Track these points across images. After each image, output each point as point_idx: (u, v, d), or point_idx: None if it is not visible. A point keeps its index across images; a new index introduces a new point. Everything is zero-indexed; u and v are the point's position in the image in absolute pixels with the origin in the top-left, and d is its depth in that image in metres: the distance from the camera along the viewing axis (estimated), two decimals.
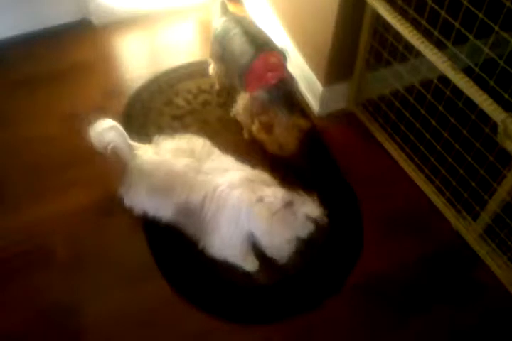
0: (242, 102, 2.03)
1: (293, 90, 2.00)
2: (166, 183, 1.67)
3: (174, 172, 1.66)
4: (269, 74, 1.90)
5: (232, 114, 2.12)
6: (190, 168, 1.66)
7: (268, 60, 1.93)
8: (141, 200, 1.77)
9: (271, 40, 2.04)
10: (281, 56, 2.00)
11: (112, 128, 1.64)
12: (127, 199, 1.81)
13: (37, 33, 2.54)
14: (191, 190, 1.63)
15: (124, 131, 1.68)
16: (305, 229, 1.58)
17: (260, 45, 1.96)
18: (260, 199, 1.56)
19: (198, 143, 1.75)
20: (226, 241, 1.67)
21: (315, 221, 1.56)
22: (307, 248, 1.85)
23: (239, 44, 1.97)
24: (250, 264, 1.81)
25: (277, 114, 1.91)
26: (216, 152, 1.74)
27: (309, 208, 1.54)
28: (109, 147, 1.64)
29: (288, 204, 1.53)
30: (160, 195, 1.70)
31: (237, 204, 1.59)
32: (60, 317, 1.74)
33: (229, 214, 1.60)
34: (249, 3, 2.67)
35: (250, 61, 1.93)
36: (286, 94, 1.94)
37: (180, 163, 1.67)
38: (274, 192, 1.57)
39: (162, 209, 1.74)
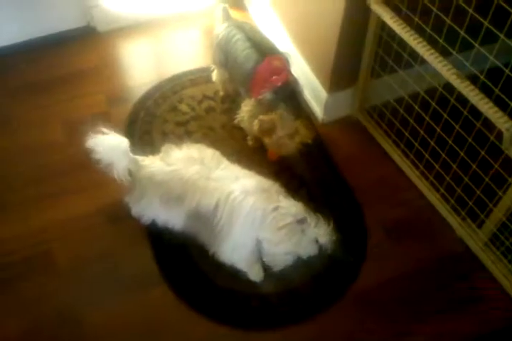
0: (246, 109, 2.02)
1: (298, 92, 2.00)
2: (178, 191, 1.68)
3: (185, 180, 1.66)
4: (275, 77, 1.90)
5: (236, 121, 2.12)
6: (200, 175, 1.66)
7: (272, 64, 1.93)
8: (153, 210, 1.77)
9: (274, 45, 2.04)
10: (285, 60, 2.00)
11: (115, 146, 1.64)
12: (136, 209, 1.81)
13: (41, 39, 2.54)
14: (202, 196, 1.64)
15: (127, 147, 1.67)
16: (308, 250, 1.59)
17: (263, 50, 1.96)
18: (275, 209, 1.56)
19: (208, 152, 1.76)
20: (238, 248, 1.66)
21: (321, 246, 1.57)
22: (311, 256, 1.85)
23: (242, 50, 1.97)
24: (256, 274, 1.80)
25: (282, 116, 1.90)
26: (225, 162, 1.74)
27: (320, 232, 1.54)
28: (111, 165, 1.65)
29: (300, 221, 1.54)
30: (173, 203, 1.70)
31: (252, 211, 1.59)
32: (61, 325, 1.74)
33: (243, 221, 1.60)
34: (253, 9, 2.68)
35: (254, 67, 1.94)
36: (291, 96, 1.94)
37: (192, 171, 1.67)
38: (290, 205, 1.57)
39: (174, 218, 1.75)
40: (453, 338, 1.73)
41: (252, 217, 1.59)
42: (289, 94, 1.93)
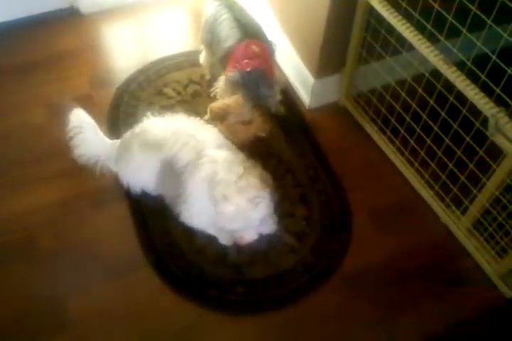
0: (221, 84, 2.02)
1: (266, 85, 1.94)
2: (158, 137, 1.72)
3: (170, 128, 1.72)
4: (245, 61, 1.89)
5: (212, 95, 2.11)
6: (185, 131, 1.71)
7: (249, 48, 1.91)
8: (131, 166, 1.79)
9: (260, 31, 2.02)
10: (266, 47, 1.97)
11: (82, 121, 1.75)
12: (121, 172, 1.85)
13: (23, 20, 2.49)
14: (181, 148, 1.67)
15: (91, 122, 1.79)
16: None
17: (247, 32, 1.94)
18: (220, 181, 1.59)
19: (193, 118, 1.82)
20: (200, 213, 1.68)
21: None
22: (297, 240, 1.85)
23: (227, 29, 1.95)
24: (226, 238, 1.80)
25: (238, 102, 1.89)
26: (212, 128, 1.81)
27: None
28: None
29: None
30: (150, 148, 1.72)
31: (204, 180, 1.61)
32: (43, 310, 1.72)
33: (198, 187, 1.63)
34: None
35: (234, 45, 1.92)
36: (256, 86, 1.91)
37: (176, 121, 1.76)
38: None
39: (148, 167, 1.75)
40: (436, 322, 1.75)
41: (204, 186, 1.61)
42: (255, 83, 1.91)
